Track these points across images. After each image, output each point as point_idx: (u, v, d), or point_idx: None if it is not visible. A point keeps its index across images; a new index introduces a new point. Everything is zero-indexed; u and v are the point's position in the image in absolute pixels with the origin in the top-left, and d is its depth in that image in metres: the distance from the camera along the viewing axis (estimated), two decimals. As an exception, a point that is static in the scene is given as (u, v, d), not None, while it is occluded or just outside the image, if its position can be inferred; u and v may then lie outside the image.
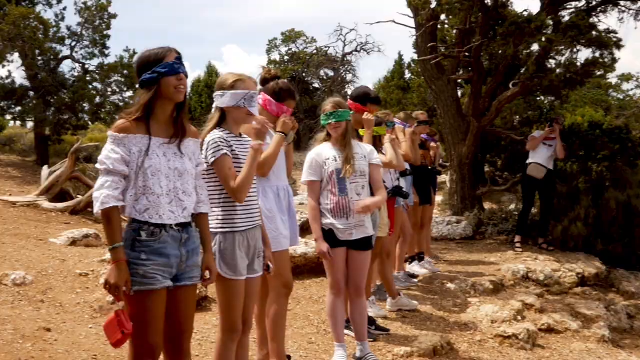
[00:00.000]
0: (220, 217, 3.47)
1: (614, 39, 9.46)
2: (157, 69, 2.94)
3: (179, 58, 3.01)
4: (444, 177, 14.56)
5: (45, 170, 12.41)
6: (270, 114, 4.29)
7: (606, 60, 9.55)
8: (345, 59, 31.01)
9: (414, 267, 7.98)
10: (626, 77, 25.25)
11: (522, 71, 10.18)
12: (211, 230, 3.35)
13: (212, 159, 3.39)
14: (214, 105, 3.62)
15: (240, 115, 3.52)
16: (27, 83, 18.58)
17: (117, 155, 2.87)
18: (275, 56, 32.76)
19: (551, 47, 9.49)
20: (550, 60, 10.17)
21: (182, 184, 3.02)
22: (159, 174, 2.94)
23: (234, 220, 3.48)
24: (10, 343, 4.31)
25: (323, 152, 4.70)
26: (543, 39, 9.39)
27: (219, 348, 3.54)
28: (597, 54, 9.53)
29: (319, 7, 69.87)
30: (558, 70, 9.80)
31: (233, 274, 3.44)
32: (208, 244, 3.24)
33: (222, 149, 3.40)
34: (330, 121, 4.67)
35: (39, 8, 18.87)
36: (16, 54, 17.95)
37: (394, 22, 11.42)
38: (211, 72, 33.21)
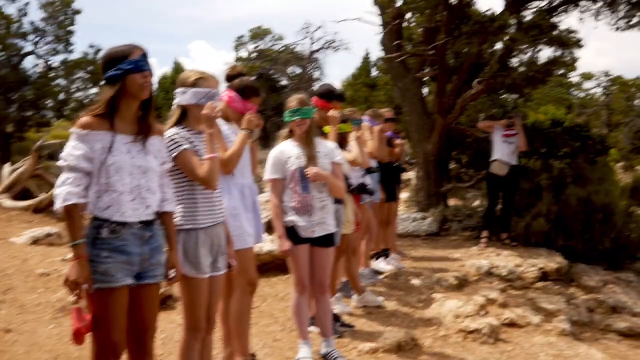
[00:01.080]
0: (182, 214, 3.46)
1: (574, 39, 9.63)
2: (121, 66, 2.92)
3: (144, 55, 3.00)
4: (410, 174, 14.67)
5: (6, 167, 12.21)
6: (235, 111, 4.29)
7: (567, 59, 9.73)
8: (313, 57, 31.03)
9: (380, 264, 8.03)
10: (587, 76, 25.76)
11: (485, 69, 10.28)
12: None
13: (174, 154, 3.38)
14: (174, 102, 3.60)
15: (201, 113, 3.51)
16: (-12, 79, 18.22)
17: (79, 152, 2.85)
18: (243, 53, 32.64)
19: (514, 46, 9.63)
20: (513, 59, 10.31)
21: (146, 182, 3.01)
22: (122, 171, 2.91)
23: (196, 217, 3.47)
24: (-32, 344, 4.24)
25: (286, 150, 4.71)
26: (506, 38, 9.53)
27: (183, 347, 3.53)
28: (558, 53, 9.70)
29: (287, 5, 69.93)
30: (520, 69, 9.95)
31: (196, 272, 3.43)
32: (173, 242, 3.23)
33: (180, 144, 3.40)
34: (294, 118, 4.67)
35: (0, 3, 18.52)
36: (-23, 50, 17.62)
37: (360, 19, 11.48)
38: (178, 68, 32.96)
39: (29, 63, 32.15)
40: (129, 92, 2.96)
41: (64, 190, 2.82)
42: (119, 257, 2.89)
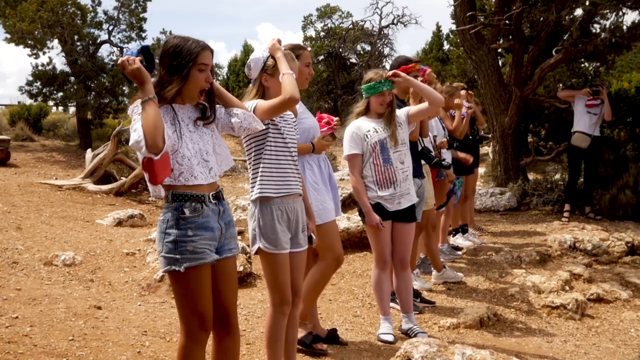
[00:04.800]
0: (254, 184, 3.51)
1: (662, 0, 9.12)
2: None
3: (212, 54, 2.99)
4: (487, 149, 14.35)
5: (88, 153, 12.65)
6: None
7: (655, 22, 9.22)
8: (382, 33, 30.59)
9: (458, 240, 7.91)
10: (674, 40, 24.37)
11: (565, 37, 9.86)
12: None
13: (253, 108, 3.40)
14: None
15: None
16: (67, 69, 18.88)
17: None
18: (311, 32, 32.52)
19: (595, 11, 9.18)
20: (595, 25, 9.84)
21: (204, 145, 3.02)
22: (184, 137, 2.94)
23: (267, 187, 3.49)
24: (63, 321, 4.42)
25: (362, 125, 4.66)
26: (587, 3, 9.11)
27: (270, 322, 3.56)
28: (644, 16, 9.21)
29: (354, -19, 69.06)
30: (603, 35, 9.47)
31: (274, 248, 3.44)
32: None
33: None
34: (384, 89, 4.59)
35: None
36: (56, 41, 18.24)
37: (431, -8, 11.22)
38: (247, 51, 33.18)
39: (104, 51, 33.07)
40: (187, 89, 2.97)
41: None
42: (204, 234, 2.92)
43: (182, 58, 2.91)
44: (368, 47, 31.22)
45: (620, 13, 9.30)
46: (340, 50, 30.88)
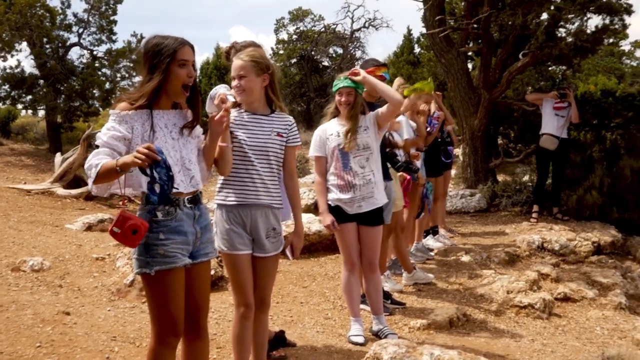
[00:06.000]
0: (218, 190, 3.63)
1: (625, 5, 9.30)
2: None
3: (192, 50, 2.99)
4: (457, 151, 14.50)
5: (58, 157, 12.50)
6: None
7: (617, 26, 9.40)
8: (354, 36, 30.78)
9: (429, 241, 7.98)
10: (639, 44, 24.87)
11: (532, 41, 10.01)
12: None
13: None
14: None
15: None
16: (36, 71, 18.60)
17: (115, 133, 2.84)
18: (284, 35, 32.57)
19: (560, 16, 9.36)
20: (560, 29, 10.04)
21: (187, 154, 3.03)
22: (167, 145, 2.94)
23: (224, 194, 3.60)
24: (30, 327, 4.37)
25: (328, 128, 4.71)
26: (552, 8, 9.28)
27: (233, 324, 3.62)
28: (607, 21, 9.39)
29: (326, -15, 69.29)
30: (568, 39, 9.66)
31: (229, 249, 3.55)
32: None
33: None
34: (341, 85, 4.61)
35: (44, -4, 18.79)
36: (24, 43, 17.97)
37: (401, -4, 11.31)
38: (219, 54, 33.05)
39: (74, 54, 32.68)
40: (171, 86, 2.96)
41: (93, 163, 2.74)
42: (177, 238, 2.92)
43: (161, 55, 2.90)
44: (340, 50, 31.39)
45: (585, 18, 9.48)
46: (313, 53, 30.98)
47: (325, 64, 32.23)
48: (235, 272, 3.56)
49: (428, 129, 7.17)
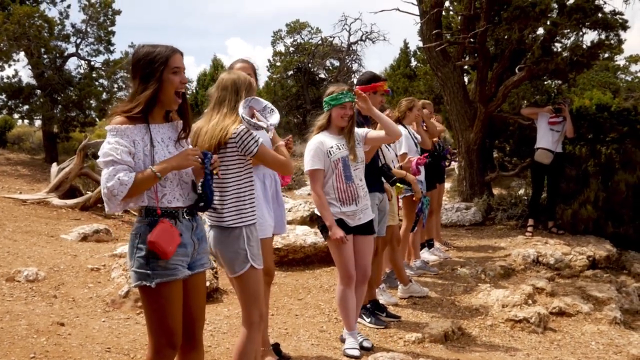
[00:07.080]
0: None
1: (620, 20, 9.37)
2: None
3: (181, 56, 3.00)
4: (453, 164, 14.54)
5: (54, 167, 12.47)
6: None
7: (612, 42, 9.47)
8: (351, 49, 30.91)
9: (424, 254, 7.99)
10: (634, 59, 25.03)
11: (528, 55, 10.08)
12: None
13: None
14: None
15: None
16: (33, 82, 18.62)
17: (122, 147, 2.84)
18: (281, 47, 32.69)
19: (556, 31, 9.42)
20: (556, 44, 10.09)
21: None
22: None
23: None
24: (24, 338, 4.36)
25: (325, 141, 4.69)
26: (548, 23, 9.33)
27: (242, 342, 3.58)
28: (603, 36, 9.45)
29: (323, -3, 69.71)
30: (564, 54, 9.71)
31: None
32: None
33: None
34: (346, 100, 4.62)
35: (43, 6, 18.83)
36: (22, 53, 18.00)
37: (398, 9, 11.39)
38: (216, 65, 33.17)
39: (72, 64, 32.74)
40: (164, 93, 2.96)
41: (119, 178, 2.77)
42: (178, 250, 2.90)
43: (155, 63, 2.90)
44: (337, 63, 31.50)
45: (580, 33, 9.54)
46: (310, 65, 31.09)
47: (322, 76, 32.35)
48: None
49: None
